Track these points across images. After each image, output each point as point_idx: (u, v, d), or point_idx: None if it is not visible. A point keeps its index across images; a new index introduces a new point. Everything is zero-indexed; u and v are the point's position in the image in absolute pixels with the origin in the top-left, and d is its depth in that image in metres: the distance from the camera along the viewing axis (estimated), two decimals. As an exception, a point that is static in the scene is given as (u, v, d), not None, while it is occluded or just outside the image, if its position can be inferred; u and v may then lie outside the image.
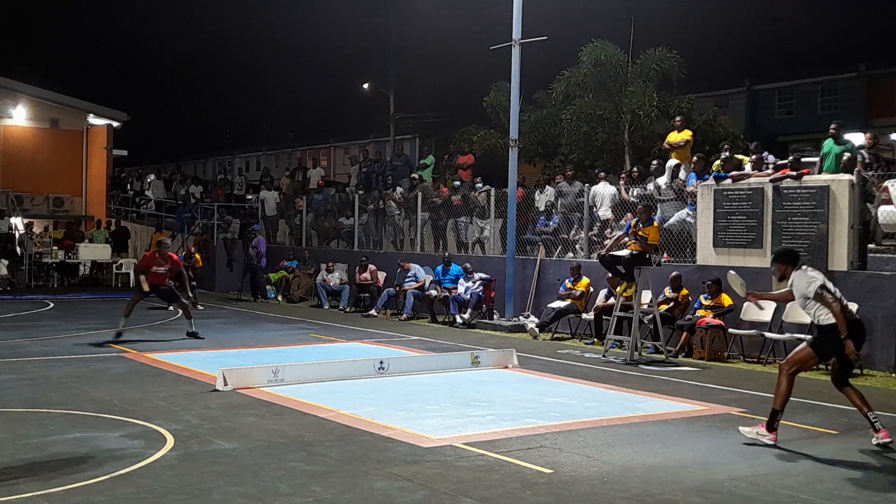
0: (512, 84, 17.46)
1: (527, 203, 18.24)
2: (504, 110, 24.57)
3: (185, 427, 7.96)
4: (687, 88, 27.85)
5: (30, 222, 27.56)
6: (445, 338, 15.23)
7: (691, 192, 15.12)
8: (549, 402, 9.69)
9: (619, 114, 25.03)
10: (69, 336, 14.39)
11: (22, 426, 7.97)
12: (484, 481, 6.40)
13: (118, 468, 6.52)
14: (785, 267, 7.77)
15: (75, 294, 23.02)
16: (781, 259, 7.88)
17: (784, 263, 7.81)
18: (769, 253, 13.40)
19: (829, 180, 13.12)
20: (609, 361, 12.78)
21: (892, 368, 11.92)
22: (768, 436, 7.52)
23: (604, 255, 13.51)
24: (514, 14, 16.96)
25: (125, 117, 31.48)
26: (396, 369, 11.22)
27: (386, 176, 22.89)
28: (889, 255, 13.29)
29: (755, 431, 7.62)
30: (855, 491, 6.40)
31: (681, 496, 6.16)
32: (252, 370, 10.36)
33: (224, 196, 29.31)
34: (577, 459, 7.10)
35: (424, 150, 44.12)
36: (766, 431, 7.55)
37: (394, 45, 41.21)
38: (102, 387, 9.96)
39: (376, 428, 8.08)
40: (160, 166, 51.40)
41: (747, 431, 7.70)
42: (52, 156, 30.65)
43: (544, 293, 16.87)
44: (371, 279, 19.91)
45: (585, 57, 25.23)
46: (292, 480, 6.35)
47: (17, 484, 6.11)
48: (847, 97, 37.07)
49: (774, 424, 7.54)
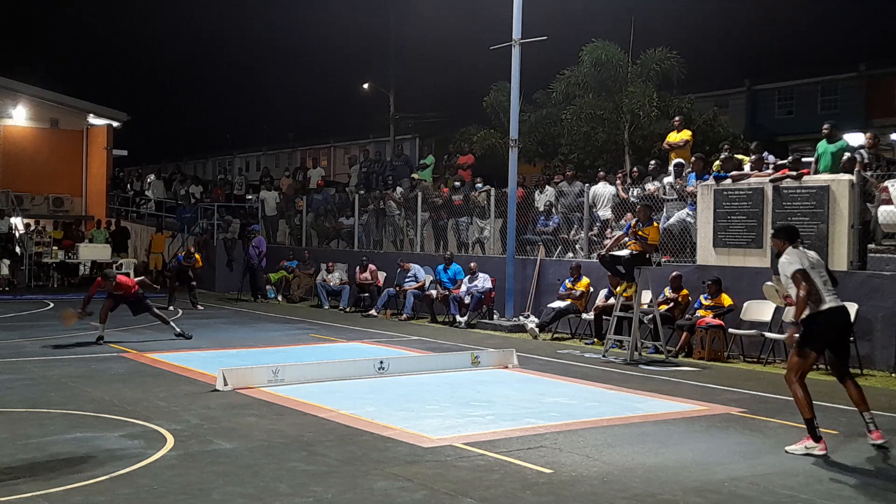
0: (512, 84, 17.46)
1: (527, 203, 18.24)
2: (504, 110, 24.55)
3: (185, 427, 7.96)
4: (687, 88, 27.83)
5: (32, 222, 27.57)
6: (445, 338, 15.23)
7: (691, 192, 15.12)
8: (549, 402, 9.69)
9: (619, 114, 25.02)
10: (69, 336, 14.39)
11: (22, 426, 7.97)
12: (484, 481, 6.40)
13: (118, 468, 6.53)
14: (782, 242, 7.60)
15: (75, 294, 22.99)
16: (779, 234, 7.73)
17: (780, 239, 7.66)
18: (769, 253, 13.42)
19: (829, 180, 13.12)
20: (609, 361, 12.78)
21: (892, 368, 11.91)
22: (817, 446, 7.23)
23: (604, 255, 13.51)
24: (514, 14, 16.97)
25: (125, 117, 31.48)
26: (396, 369, 11.22)
27: (386, 176, 22.90)
28: (889, 255, 13.29)
29: (803, 446, 7.29)
30: (855, 491, 6.40)
31: (681, 496, 6.16)
32: (252, 370, 10.36)
33: (224, 196, 29.32)
34: (577, 459, 7.10)
35: (424, 150, 44.11)
36: (813, 443, 7.26)
37: (394, 45, 41.22)
38: (102, 387, 9.96)
39: (376, 428, 8.08)
40: (160, 166, 51.43)
41: (795, 449, 7.33)
42: (52, 156, 30.65)
43: (544, 293, 16.87)
44: (371, 279, 19.92)
45: (586, 57, 25.21)
46: (292, 480, 6.35)
47: (17, 484, 6.11)
48: (847, 97, 37.06)
49: (817, 433, 7.27)
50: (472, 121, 29.63)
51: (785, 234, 7.68)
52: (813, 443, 7.25)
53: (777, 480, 6.60)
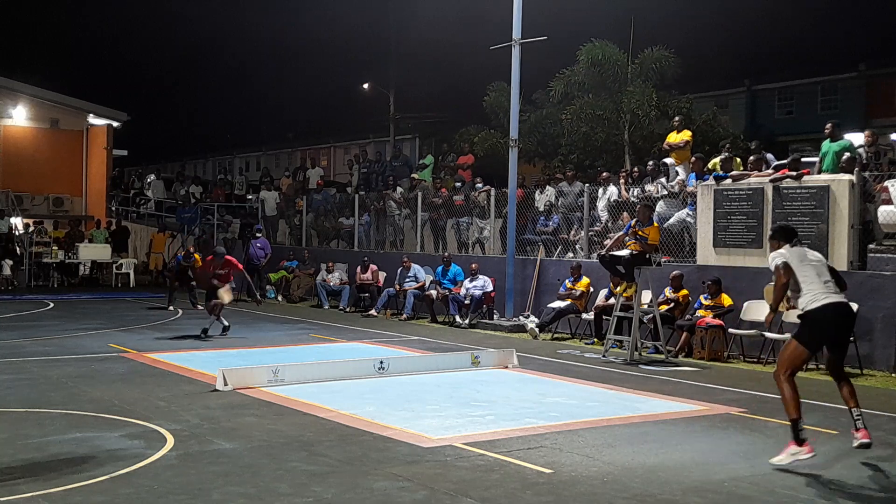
0: (512, 84, 17.46)
1: (527, 203, 18.24)
2: (503, 110, 24.57)
3: (185, 427, 7.96)
4: (687, 88, 27.84)
5: (33, 222, 27.56)
6: (445, 338, 15.23)
7: (691, 192, 15.13)
8: (549, 402, 9.69)
9: (618, 114, 25.02)
10: (69, 336, 14.39)
11: (22, 426, 7.97)
12: (484, 481, 6.40)
13: (118, 468, 6.52)
14: (778, 243, 7.39)
15: (75, 294, 23.02)
16: (776, 235, 7.53)
17: (776, 240, 7.46)
18: (769, 253, 13.42)
19: (829, 180, 13.12)
20: (609, 361, 12.78)
21: (892, 368, 11.91)
22: (802, 450, 6.79)
23: (604, 255, 13.51)
24: (514, 14, 16.97)
25: (125, 117, 31.47)
26: (396, 369, 11.22)
27: (387, 176, 22.90)
28: (889, 255, 13.27)
29: (788, 454, 6.85)
30: (855, 491, 6.40)
31: (681, 496, 6.16)
32: (252, 370, 10.36)
33: (224, 196, 29.32)
34: (577, 459, 7.10)
35: (424, 150, 44.10)
36: (797, 448, 6.82)
37: (394, 45, 41.24)
38: (102, 387, 9.96)
39: (376, 428, 8.08)
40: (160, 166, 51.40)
41: (780, 460, 6.88)
42: (52, 156, 30.63)
43: (544, 293, 16.87)
44: (372, 279, 19.92)
45: (583, 57, 25.23)
46: (292, 480, 6.35)
47: (17, 484, 6.10)
48: (847, 97, 37.06)
49: (800, 436, 6.82)
50: (472, 121, 29.65)
51: (781, 234, 7.49)
52: (797, 447, 6.82)
53: (777, 480, 6.60)
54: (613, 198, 16.70)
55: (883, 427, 8.57)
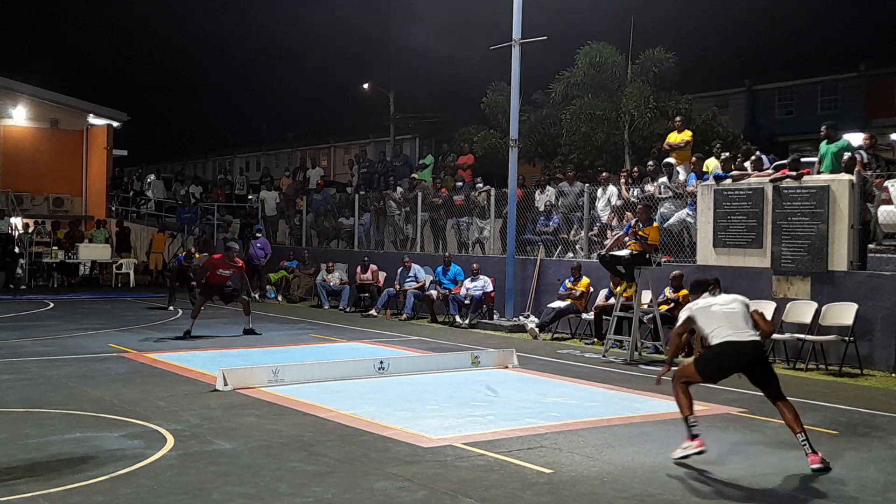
0: (512, 84, 17.46)
1: (527, 203, 18.24)
2: (502, 111, 24.56)
3: (185, 427, 7.96)
4: (687, 88, 27.81)
5: (33, 222, 27.55)
6: (445, 338, 15.23)
7: (691, 192, 15.13)
8: (549, 402, 9.69)
9: (618, 114, 25.03)
10: (69, 336, 14.40)
11: (22, 426, 7.97)
12: (484, 481, 6.41)
13: (118, 468, 6.53)
14: (694, 296, 7.68)
15: (75, 294, 23.01)
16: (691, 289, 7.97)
17: (691, 294, 7.86)
18: (769, 253, 13.44)
19: (829, 180, 13.11)
20: (609, 361, 12.78)
21: (892, 368, 11.91)
22: (692, 444, 6.98)
23: (604, 255, 13.51)
24: (514, 14, 16.97)
25: (125, 117, 31.47)
26: (396, 369, 11.22)
27: (388, 176, 22.90)
28: (889, 255, 13.29)
29: (681, 449, 7.07)
30: (855, 491, 6.40)
31: (681, 496, 6.17)
32: (252, 370, 10.37)
33: (224, 196, 29.31)
34: (577, 459, 7.10)
35: (424, 150, 44.12)
36: (689, 442, 7.02)
37: (394, 45, 41.29)
38: (102, 387, 9.96)
39: (376, 428, 8.08)
40: (160, 166, 51.40)
41: (676, 454, 7.10)
42: (52, 156, 30.62)
43: (544, 293, 16.87)
44: (372, 279, 19.92)
45: (581, 60, 25.25)
46: (292, 480, 6.35)
47: (17, 484, 6.11)
48: (847, 97, 37.05)
49: (692, 431, 7.04)
50: (472, 121, 29.64)
51: (696, 287, 7.80)
52: (689, 441, 7.03)
53: (777, 480, 6.60)
54: (614, 198, 16.69)
55: (883, 427, 8.57)
